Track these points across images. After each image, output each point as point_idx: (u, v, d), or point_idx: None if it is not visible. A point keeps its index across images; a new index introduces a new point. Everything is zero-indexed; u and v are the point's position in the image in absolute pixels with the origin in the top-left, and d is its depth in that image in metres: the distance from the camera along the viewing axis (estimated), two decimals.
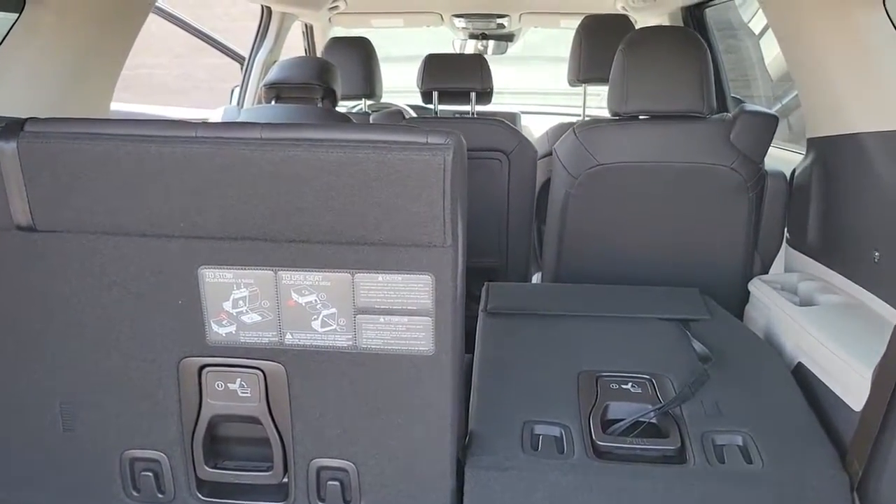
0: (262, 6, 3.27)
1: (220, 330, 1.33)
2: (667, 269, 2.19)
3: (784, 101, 3.38)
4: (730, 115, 2.12)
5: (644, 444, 1.46)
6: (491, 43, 4.39)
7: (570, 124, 3.22)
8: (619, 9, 3.67)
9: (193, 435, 1.40)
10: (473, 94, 2.70)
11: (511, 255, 2.55)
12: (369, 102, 3.59)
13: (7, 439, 1.44)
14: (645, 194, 2.14)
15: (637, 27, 3.24)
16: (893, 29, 1.68)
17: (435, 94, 2.70)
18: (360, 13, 3.96)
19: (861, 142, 1.75)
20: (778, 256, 2.25)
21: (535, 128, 4.24)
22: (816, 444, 1.44)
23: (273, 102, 2.81)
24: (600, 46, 3.12)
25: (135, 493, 1.44)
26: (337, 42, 3.48)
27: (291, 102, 2.77)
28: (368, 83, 3.42)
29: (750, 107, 2.11)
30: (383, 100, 3.78)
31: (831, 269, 1.92)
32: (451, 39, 4.45)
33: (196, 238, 1.27)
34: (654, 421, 1.54)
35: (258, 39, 3.37)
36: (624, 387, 1.62)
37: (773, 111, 2.09)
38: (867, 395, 1.37)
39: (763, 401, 1.57)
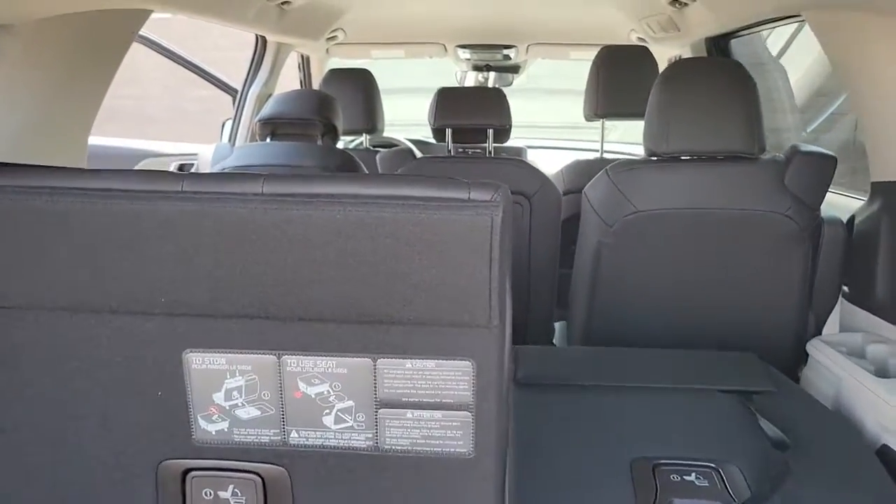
0: (256, 36, 3.06)
1: (209, 427, 1.07)
2: (712, 328, 1.95)
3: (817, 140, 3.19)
4: (781, 155, 1.90)
5: None
6: (492, 75, 4.20)
7: (588, 161, 3.01)
8: (634, 39, 3.48)
9: None
10: (491, 132, 2.48)
11: (533, 307, 2.31)
12: (370, 137, 3.37)
13: None
14: (688, 244, 1.91)
15: (659, 59, 3.04)
16: None
17: (448, 132, 2.48)
18: (360, 44, 3.76)
19: None
20: (832, 312, 2.03)
21: (542, 162, 4.03)
22: None
23: (268, 139, 2.58)
24: (620, 79, 2.92)
25: None
26: (336, 74, 3.27)
27: (288, 139, 2.55)
28: (370, 117, 3.20)
29: (805, 146, 1.89)
30: (384, 134, 3.57)
31: None
32: (454, 71, 4.25)
33: (181, 316, 1.02)
34: None
35: (252, 71, 3.15)
36: (687, 478, 1.37)
37: (830, 152, 1.87)
38: None
39: (854, 498, 1.32)
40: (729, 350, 1.87)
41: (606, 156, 3.17)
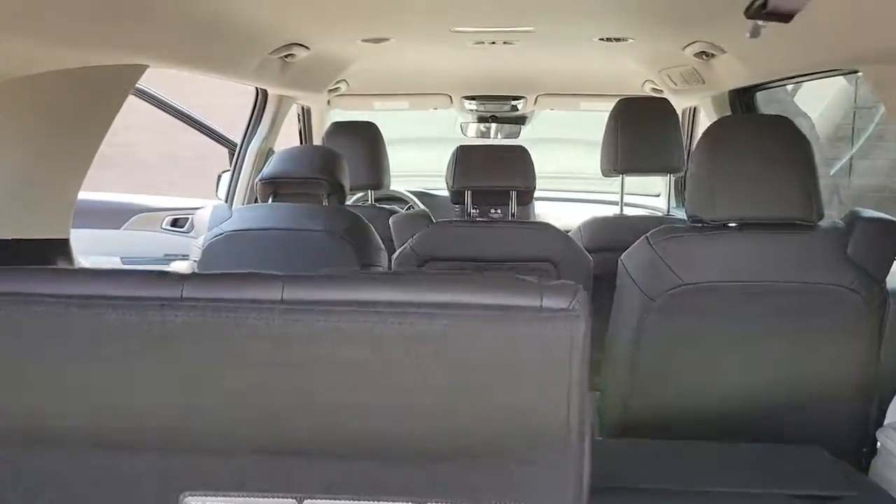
0: (256, 89, 2.91)
1: None
2: (766, 415, 1.75)
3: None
4: (840, 221, 1.73)
5: None
6: (494, 126, 4.06)
7: (607, 219, 2.84)
8: (647, 90, 3.35)
9: None
10: (514, 194, 2.31)
11: None
12: (376, 193, 3.20)
13: None
14: (741, 321, 1.72)
15: (679, 111, 2.90)
16: None
17: (468, 194, 2.31)
18: (363, 95, 3.61)
19: None
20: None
21: (550, 215, 3.85)
22: None
23: (270, 199, 2.40)
24: (639, 133, 2.77)
25: None
26: (340, 127, 3.10)
27: (292, 199, 2.37)
28: (375, 172, 3.03)
29: (866, 212, 1.72)
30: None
31: None
32: (457, 121, 4.11)
33: (180, 452, 0.82)
34: None
35: (252, 125, 2.98)
36: None
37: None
38: None
39: None
40: (786, 441, 1.67)
41: (627, 211, 3.00)
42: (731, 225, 1.73)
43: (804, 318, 1.70)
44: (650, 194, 4.17)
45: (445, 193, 4.39)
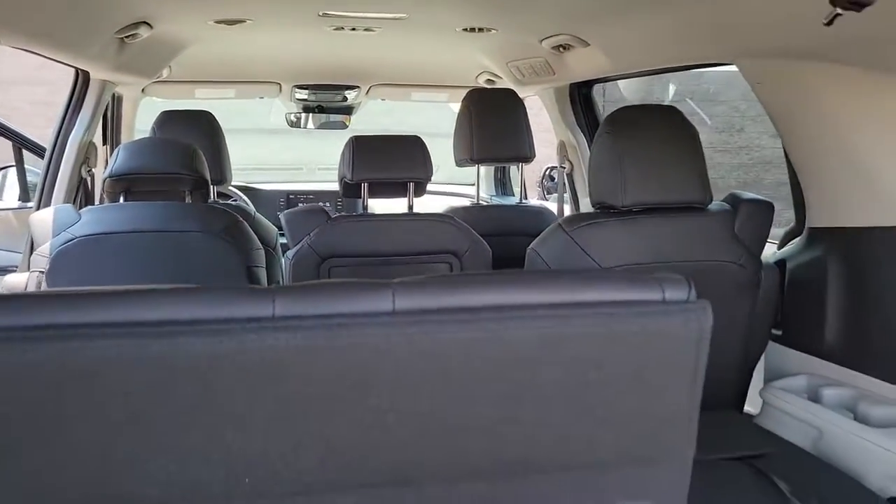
0: (77, 71, 2.54)
1: None
2: None
3: None
4: (726, 204, 1.89)
5: None
6: (311, 116, 3.94)
7: (466, 208, 2.87)
8: (482, 82, 3.43)
9: None
10: (412, 185, 2.24)
11: None
12: (218, 189, 2.96)
13: None
14: None
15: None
16: None
17: (365, 187, 2.20)
18: (184, 82, 3.31)
19: None
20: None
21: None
22: None
23: (122, 199, 2.13)
24: (492, 124, 2.82)
25: None
26: (173, 116, 2.82)
27: (148, 198, 2.11)
28: (217, 166, 2.80)
29: (745, 194, 1.89)
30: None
31: (864, 374, 1.72)
32: (284, 112, 3.93)
33: (272, 499, 0.69)
34: None
35: (71, 113, 2.60)
36: None
37: (768, 199, 1.89)
38: None
39: None
40: None
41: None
42: (635, 210, 1.82)
43: (703, 292, 1.84)
44: (459, 183, 4.30)
45: (268, 187, 4.19)
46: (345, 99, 3.75)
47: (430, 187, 2.70)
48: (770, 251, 2.07)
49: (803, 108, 1.75)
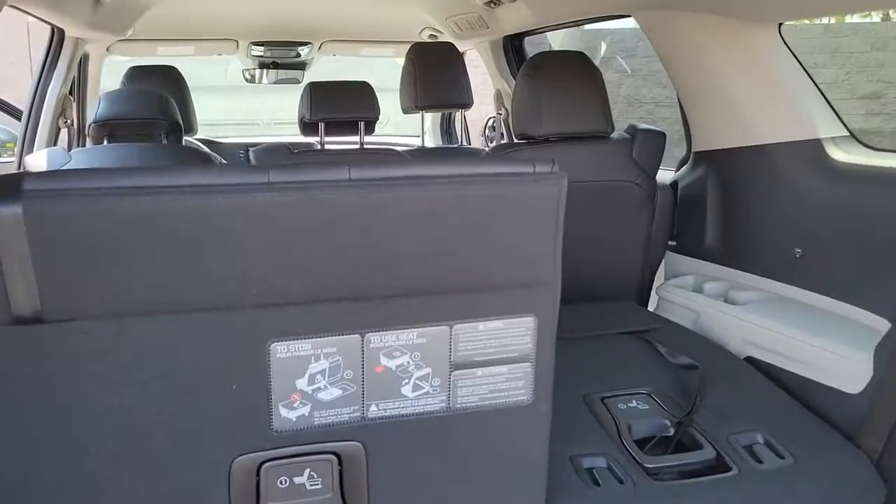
0: (52, 29, 2.77)
1: (289, 414, 1.09)
2: (579, 284, 2.25)
3: None
4: (626, 133, 2.25)
5: (688, 459, 1.48)
6: (266, 73, 4.20)
7: (409, 150, 3.19)
8: (425, 37, 3.73)
9: None
10: (362, 124, 2.55)
11: None
12: (186, 139, 3.22)
13: None
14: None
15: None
16: (786, 48, 1.91)
17: (321, 126, 2.50)
18: (146, 40, 3.55)
19: (767, 153, 1.97)
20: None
21: None
22: (823, 430, 1.57)
23: (105, 142, 2.40)
24: (434, 74, 3.14)
25: None
26: (141, 71, 3.08)
27: (129, 140, 2.40)
28: (185, 116, 3.07)
29: (642, 125, 2.26)
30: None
31: (735, 269, 2.12)
32: (241, 69, 4.18)
33: (270, 306, 1.03)
34: (669, 434, 1.57)
35: (48, 69, 2.84)
36: (631, 405, 1.64)
37: (661, 129, 2.27)
38: (870, 375, 1.53)
39: (752, 397, 1.68)
40: (599, 298, 2.19)
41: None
42: (551, 139, 2.18)
43: (606, 209, 2.21)
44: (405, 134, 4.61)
45: (228, 141, 4.45)
46: (298, 55, 4.01)
47: (380, 139, 3.01)
48: (668, 176, 2.45)
49: (684, 52, 2.11)
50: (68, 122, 2.94)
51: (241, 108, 5.44)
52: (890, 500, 1.45)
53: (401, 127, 4.52)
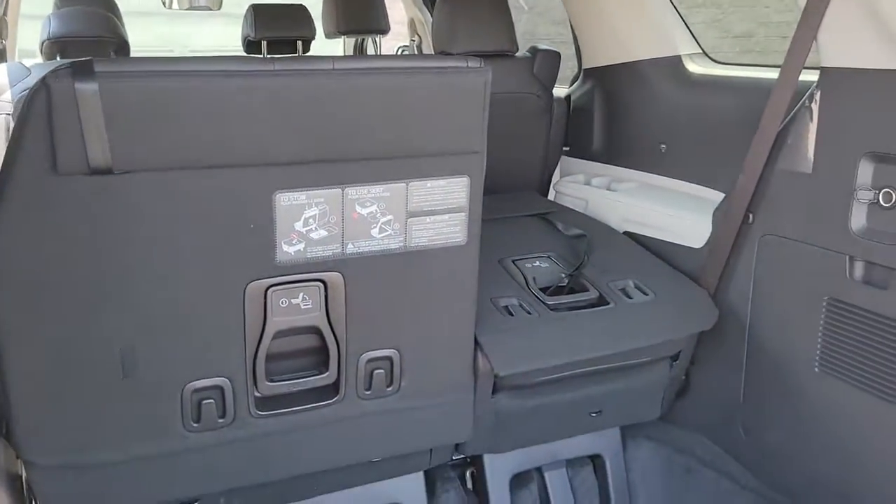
0: None
1: (289, 249, 1.46)
2: (492, 179, 2.65)
3: None
4: (528, 53, 2.66)
5: (577, 298, 1.95)
6: None
7: None
8: None
9: (256, 354, 1.51)
10: (300, 43, 2.84)
11: None
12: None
13: (61, 395, 1.38)
14: None
15: None
16: None
17: (264, 44, 2.77)
18: None
19: (639, 68, 2.43)
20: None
21: None
22: (676, 276, 2.08)
23: (58, 58, 2.60)
24: (354, 2, 3.44)
25: (194, 425, 1.50)
26: None
27: (80, 57, 2.60)
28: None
29: (542, 46, 2.67)
30: None
31: (616, 165, 2.59)
32: None
33: (275, 165, 1.39)
34: (564, 283, 2.03)
35: None
36: (535, 264, 2.09)
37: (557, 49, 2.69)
38: (709, 233, 2.03)
39: (627, 256, 2.17)
40: (508, 192, 2.62)
41: None
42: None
43: (511, 117, 2.63)
44: None
45: None
46: None
47: None
48: (563, 91, 2.88)
49: None
50: (3, 42, 3.08)
51: (157, 33, 5.52)
52: (720, 321, 1.97)
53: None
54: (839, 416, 1.72)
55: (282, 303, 1.50)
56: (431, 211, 1.56)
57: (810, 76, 1.74)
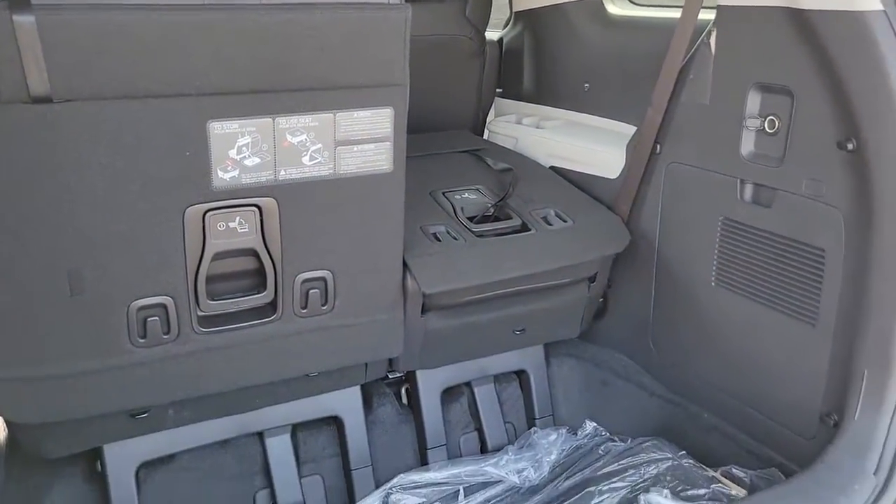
0: None
1: (224, 175, 1.57)
2: (427, 120, 2.78)
3: None
4: None
5: (502, 225, 2.10)
6: None
7: None
8: None
9: (197, 274, 1.62)
10: None
11: None
12: None
13: (13, 313, 1.49)
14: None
15: None
16: None
17: None
18: None
19: (564, 10, 2.55)
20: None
21: None
22: (593, 205, 2.24)
23: None
24: None
25: (141, 341, 1.62)
26: None
27: None
28: None
29: None
30: None
31: (545, 105, 2.73)
32: None
33: (207, 95, 1.49)
34: (490, 213, 2.18)
35: None
36: (464, 196, 2.22)
37: None
38: (623, 165, 2.19)
39: (550, 188, 2.32)
40: (442, 128, 2.75)
41: None
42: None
43: (443, 59, 2.74)
44: None
45: None
46: None
47: None
48: (496, 35, 2.99)
49: None
50: None
51: None
52: (633, 245, 2.14)
53: None
54: (732, 325, 1.92)
55: (219, 226, 1.62)
56: (358, 140, 1.68)
57: (710, 15, 1.89)
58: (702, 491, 1.75)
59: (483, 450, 2.22)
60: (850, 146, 1.55)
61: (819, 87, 1.61)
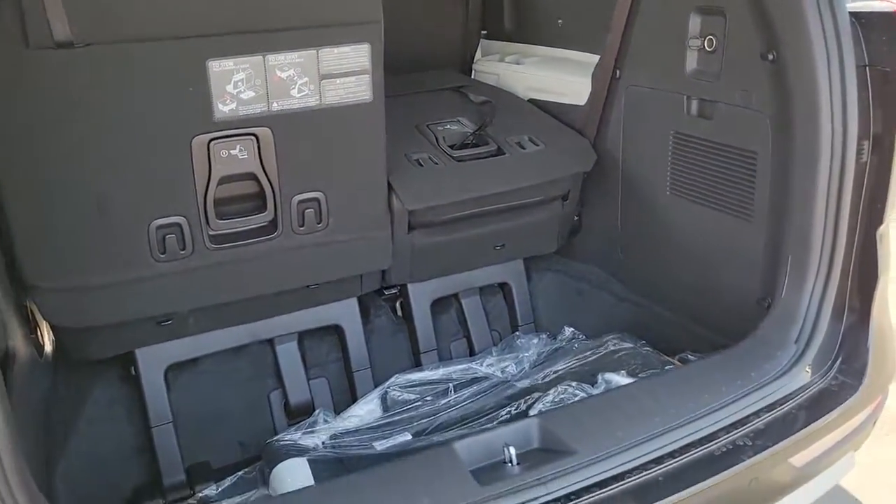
0: None
1: (224, 108, 1.81)
2: (415, 62, 2.99)
3: None
4: None
5: (480, 151, 2.32)
6: None
7: None
8: None
9: (206, 196, 1.87)
10: None
11: None
12: None
13: (55, 232, 1.75)
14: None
15: None
16: None
17: None
18: None
19: None
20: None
21: None
22: (564, 130, 2.46)
23: None
24: None
25: (161, 255, 1.88)
26: None
27: None
28: None
29: None
30: None
31: (524, 43, 2.93)
32: None
33: (206, 37, 1.73)
34: (469, 141, 2.40)
35: None
36: (447, 127, 2.45)
37: None
38: (588, 91, 2.39)
39: (526, 117, 2.53)
40: (429, 68, 2.96)
41: None
42: None
43: (425, 5, 2.93)
44: None
45: None
46: None
47: None
48: None
49: None
50: None
51: None
52: (600, 165, 2.36)
53: None
54: (685, 227, 2.14)
55: (223, 153, 1.86)
56: (340, 73, 1.90)
57: None
58: (657, 371, 2.00)
59: (471, 354, 2.48)
60: (770, 57, 1.75)
61: (745, 5, 1.81)
